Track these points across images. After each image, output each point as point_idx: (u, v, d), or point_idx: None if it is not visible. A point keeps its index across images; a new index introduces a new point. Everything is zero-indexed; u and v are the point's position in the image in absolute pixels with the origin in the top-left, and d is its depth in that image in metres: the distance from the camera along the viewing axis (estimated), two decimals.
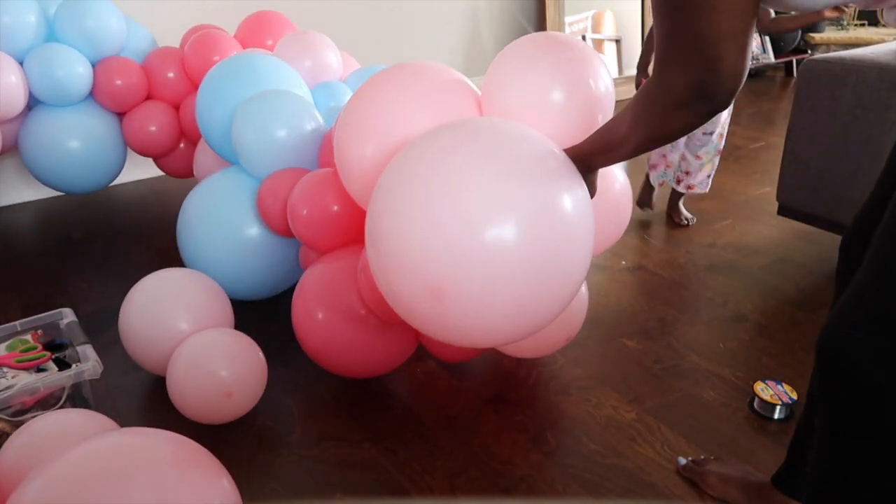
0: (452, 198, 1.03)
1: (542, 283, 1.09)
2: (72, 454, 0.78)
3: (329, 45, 2.13)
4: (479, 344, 1.29)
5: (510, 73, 1.22)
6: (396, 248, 1.07)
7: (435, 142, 1.10)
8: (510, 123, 1.16)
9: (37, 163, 2.24)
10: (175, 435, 0.86)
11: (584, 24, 4.04)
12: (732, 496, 1.19)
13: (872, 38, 4.24)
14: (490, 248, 1.03)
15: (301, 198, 1.51)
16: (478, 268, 1.04)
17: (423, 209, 1.05)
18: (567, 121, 1.20)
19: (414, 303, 1.11)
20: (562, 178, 1.09)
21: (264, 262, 1.75)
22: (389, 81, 1.27)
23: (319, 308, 1.43)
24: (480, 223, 1.03)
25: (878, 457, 0.78)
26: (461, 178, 1.04)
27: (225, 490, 0.82)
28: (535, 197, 1.05)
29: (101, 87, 2.21)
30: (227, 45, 2.23)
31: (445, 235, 1.03)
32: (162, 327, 1.44)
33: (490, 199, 1.03)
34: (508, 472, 1.29)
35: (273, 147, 1.66)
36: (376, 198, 1.12)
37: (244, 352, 1.40)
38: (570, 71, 1.20)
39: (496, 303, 1.08)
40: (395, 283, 1.11)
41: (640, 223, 2.35)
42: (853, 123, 1.82)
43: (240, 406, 1.39)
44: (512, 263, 1.04)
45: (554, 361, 1.61)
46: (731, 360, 1.60)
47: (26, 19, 2.05)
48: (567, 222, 1.08)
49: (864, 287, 0.76)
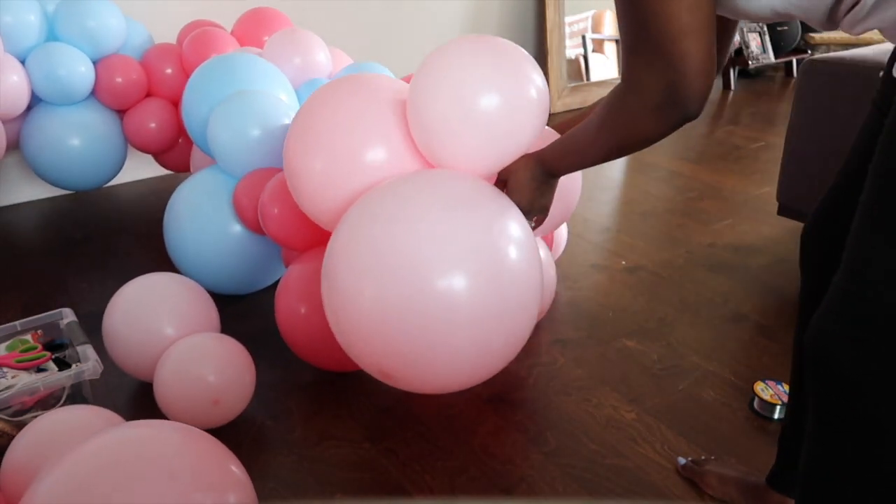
0: (402, 252, 1.10)
1: (496, 329, 1.15)
2: (83, 449, 0.79)
3: (318, 42, 2.13)
4: (439, 391, 1.36)
5: (435, 81, 1.18)
6: (351, 303, 1.14)
7: (381, 202, 1.16)
8: (442, 173, 1.20)
9: (39, 160, 2.26)
10: (181, 425, 0.87)
11: (584, 24, 4.04)
12: (732, 496, 1.19)
13: (872, 38, 4.24)
14: (439, 299, 1.09)
15: (272, 197, 1.52)
16: (425, 327, 1.11)
17: (374, 264, 1.12)
18: (495, 128, 1.16)
19: (370, 372, 1.23)
20: (494, 216, 1.15)
21: (248, 256, 1.78)
22: (336, 96, 1.28)
23: (302, 304, 1.45)
24: (431, 272, 1.09)
25: (867, 452, 0.79)
26: (409, 232, 1.11)
27: (235, 475, 0.83)
28: (478, 237, 1.11)
29: (102, 85, 2.22)
30: (225, 41, 2.24)
31: (396, 288, 1.09)
32: (147, 333, 1.42)
33: (436, 248, 1.10)
34: (508, 472, 1.29)
35: (248, 147, 1.68)
36: (331, 256, 1.20)
37: (231, 355, 1.39)
38: (499, 76, 1.16)
39: (444, 370, 1.17)
40: (351, 349, 1.22)
41: (640, 216, 2.35)
42: (853, 123, 1.81)
43: (229, 410, 1.38)
44: (463, 314, 1.10)
45: (554, 361, 1.61)
46: (731, 360, 1.60)
47: (27, 19, 2.05)
48: (512, 258, 1.14)
49: (843, 285, 0.77)
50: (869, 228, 0.74)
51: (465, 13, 3.55)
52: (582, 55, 3.96)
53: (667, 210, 2.47)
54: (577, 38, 3.98)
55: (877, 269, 0.74)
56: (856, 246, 0.76)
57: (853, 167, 0.91)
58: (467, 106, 1.15)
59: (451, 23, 3.51)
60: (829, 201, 0.98)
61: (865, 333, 0.75)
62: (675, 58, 0.74)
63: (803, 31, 4.39)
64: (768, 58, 4.27)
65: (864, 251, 0.75)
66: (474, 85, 1.15)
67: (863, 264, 0.75)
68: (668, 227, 2.32)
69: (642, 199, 2.56)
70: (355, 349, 1.21)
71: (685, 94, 0.76)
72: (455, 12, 3.52)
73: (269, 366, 1.59)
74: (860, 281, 0.75)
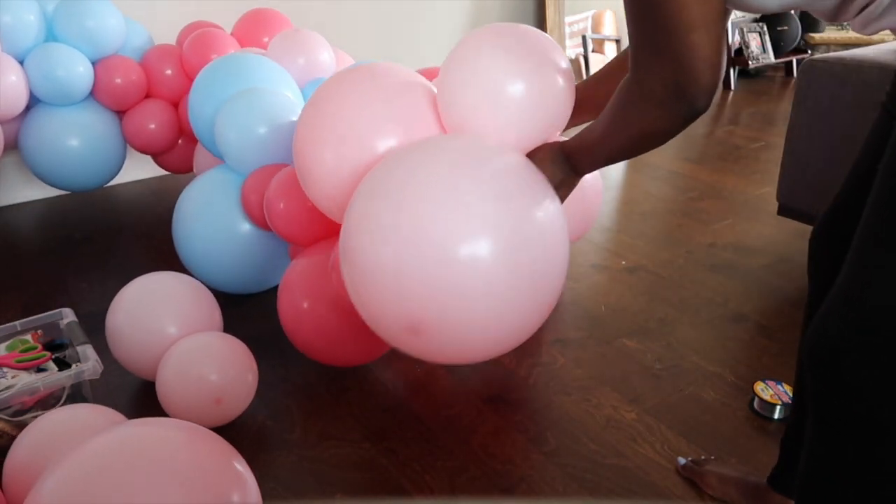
0: (424, 218, 1.04)
1: (520, 300, 1.09)
2: (87, 448, 0.79)
3: (322, 42, 2.14)
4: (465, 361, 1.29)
5: (464, 70, 1.15)
6: (371, 269, 1.08)
7: (403, 163, 1.10)
8: (476, 139, 1.15)
9: (37, 161, 2.25)
10: (185, 422, 0.87)
11: (584, 24, 4.04)
12: (731, 496, 1.19)
13: (872, 38, 4.24)
14: (465, 266, 1.03)
15: (277, 193, 1.53)
16: (453, 289, 1.04)
17: (394, 229, 1.05)
18: (527, 115, 1.13)
19: (394, 337, 1.14)
20: (531, 191, 1.09)
21: (256, 255, 1.78)
22: (344, 85, 1.25)
23: (304, 299, 1.45)
24: (454, 242, 1.03)
25: (867, 454, 0.79)
26: (432, 198, 1.05)
27: (238, 471, 0.83)
28: (506, 212, 1.05)
29: (101, 86, 2.22)
30: (225, 42, 2.24)
31: (418, 256, 1.03)
32: (150, 332, 1.42)
33: (462, 218, 1.04)
34: (508, 472, 1.29)
35: (255, 144, 1.69)
36: (349, 219, 1.13)
37: (234, 355, 1.40)
38: (527, 62, 1.13)
39: (475, 327, 1.09)
40: (374, 316, 1.14)
41: (640, 216, 2.35)
42: (853, 123, 1.82)
43: (231, 409, 1.38)
44: (488, 282, 1.04)
45: (554, 361, 1.61)
46: (731, 360, 1.60)
47: (26, 19, 2.05)
48: (539, 234, 1.08)
49: (846, 287, 0.76)
50: (876, 231, 0.74)
51: (465, 13, 3.55)
52: (582, 55, 3.96)
53: (667, 210, 2.47)
54: (577, 38, 3.99)
55: (881, 272, 0.73)
56: (861, 249, 0.75)
57: (863, 169, 0.90)
58: (498, 91, 1.12)
59: (450, 23, 3.51)
60: (839, 204, 0.96)
61: (867, 337, 0.74)
62: (684, 50, 0.72)
63: (803, 31, 4.39)
64: (768, 58, 4.27)
65: (870, 254, 0.74)
66: (506, 70, 1.11)
67: (867, 267, 0.74)
68: (668, 227, 2.32)
69: (642, 199, 2.56)
70: (378, 320, 1.15)
71: (693, 88, 0.75)
72: (455, 12, 3.52)
73: (270, 366, 1.59)
74: (863, 284, 0.74)
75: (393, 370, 1.59)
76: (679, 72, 0.74)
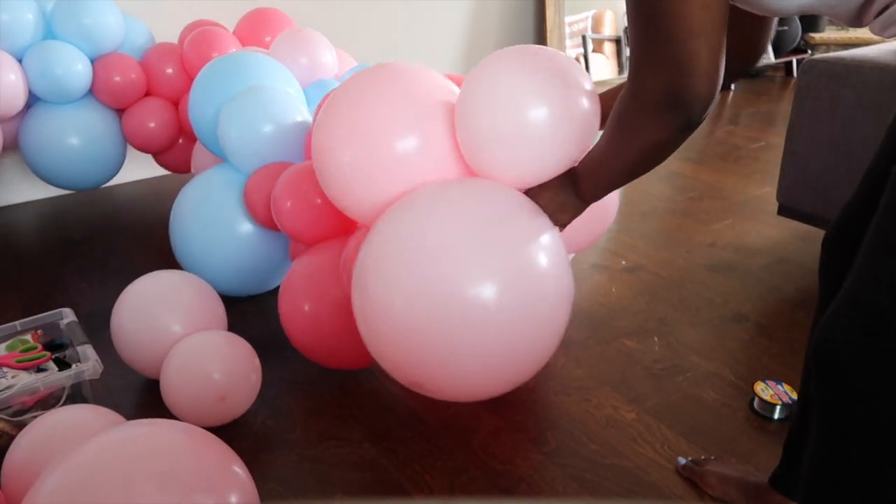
0: (434, 265, 1.10)
1: (522, 341, 1.15)
2: (86, 448, 0.78)
3: (325, 43, 2.13)
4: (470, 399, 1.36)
5: (485, 91, 1.13)
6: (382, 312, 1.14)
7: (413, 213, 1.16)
8: (483, 183, 1.19)
9: (37, 160, 2.25)
10: (184, 424, 0.87)
11: (584, 24, 4.04)
12: (732, 496, 1.19)
13: (872, 38, 4.24)
14: (473, 306, 1.08)
15: (284, 191, 1.52)
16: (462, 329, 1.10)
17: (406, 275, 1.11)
18: (548, 140, 1.12)
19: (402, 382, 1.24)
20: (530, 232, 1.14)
21: (255, 257, 1.78)
22: (366, 85, 1.25)
23: (306, 300, 1.45)
24: (461, 285, 1.09)
25: (870, 457, 0.78)
26: (441, 245, 1.11)
27: (237, 475, 0.83)
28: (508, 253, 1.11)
29: (100, 84, 2.22)
30: (227, 41, 2.23)
31: (428, 299, 1.09)
32: (154, 330, 1.43)
33: (467, 262, 1.10)
34: (508, 472, 1.29)
35: (258, 142, 1.68)
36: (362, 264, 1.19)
37: (237, 353, 1.40)
38: (550, 86, 1.10)
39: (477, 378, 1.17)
40: (383, 358, 1.22)
41: (640, 216, 2.35)
42: (853, 123, 1.82)
43: (235, 407, 1.39)
44: (491, 325, 1.10)
45: (554, 361, 1.61)
46: (731, 360, 1.60)
47: (24, 17, 2.05)
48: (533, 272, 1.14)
49: (854, 290, 0.76)
50: (887, 235, 0.73)
51: (466, 13, 3.55)
52: (582, 55, 3.96)
53: (667, 210, 2.47)
54: (577, 38, 3.99)
55: (890, 276, 0.73)
56: (870, 252, 0.75)
57: (878, 171, 0.88)
58: (518, 118, 1.10)
59: (451, 23, 3.51)
60: (852, 208, 0.94)
61: (873, 340, 0.74)
62: (684, 58, 0.72)
63: (803, 31, 4.38)
64: (768, 58, 4.26)
65: (879, 258, 0.74)
66: (525, 96, 1.10)
67: (876, 271, 0.74)
68: (668, 227, 2.32)
69: (642, 199, 2.56)
70: (387, 358, 1.21)
71: (689, 97, 0.75)
72: (455, 12, 3.52)
73: (271, 366, 1.59)
74: (872, 288, 0.74)
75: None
76: (676, 79, 0.74)
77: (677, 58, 0.73)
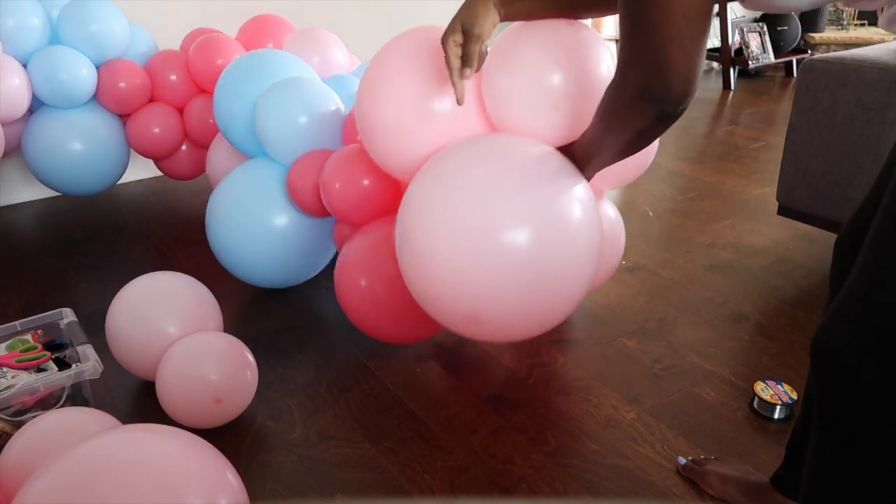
0: (473, 209, 1.15)
1: (558, 277, 1.19)
2: (76, 451, 0.78)
3: (336, 41, 2.18)
4: (518, 338, 1.44)
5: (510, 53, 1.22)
6: (428, 258, 1.19)
7: (451, 162, 1.22)
8: (511, 137, 1.24)
9: (40, 165, 2.25)
10: (178, 430, 0.86)
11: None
12: (732, 496, 1.19)
13: (872, 37, 4.25)
14: (509, 249, 1.14)
15: (332, 174, 1.56)
16: (500, 271, 1.15)
17: (447, 221, 1.17)
18: (568, 104, 1.20)
19: (456, 324, 1.26)
20: (561, 179, 1.18)
21: (297, 248, 1.79)
22: (404, 48, 1.32)
23: (363, 277, 1.49)
24: (499, 228, 1.14)
25: (870, 456, 0.78)
26: (478, 191, 1.16)
27: (229, 483, 0.82)
28: (541, 199, 1.16)
29: (104, 90, 2.23)
30: (231, 48, 2.25)
31: (469, 241, 1.15)
32: (149, 332, 1.42)
33: (504, 207, 1.15)
34: (508, 472, 1.29)
35: (297, 132, 1.71)
36: (404, 215, 1.25)
37: (233, 354, 1.39)
38: (569, 55, 1.20)
39: (525, 308, 1.19)
40: (434, 309, 1.26)
41: (640, 216, 2.35)
42: (853, 123, 1.82)
43: (231, 409, 1.38)
44: (530, 264, 1.15)
45: (554, 361, 1.61)
46: (731, 360, 1.60)
47: (30, 22, 2.06)
48: (570, 215, 1.18)
49: (855, 289, 0.76)
50: (887, 233, 0.73)
51: None
52: None
53: (667, 210, 2.47)
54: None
55: (890, 273, 0.73)
56: (872, 250, 0.75)
57: (886, 173, 0.89)
58: (540, 83, 1.19)
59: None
60: (864, 209, 0.94)
61: (873, 339, 0.74)
62: (660, 58, 0.77)
63: (803, 31, 4.39)
64: (768, 58, 4.27)
65: (881, 256, 0.74)
66: (547, 60, 1.19)
67: (876, 270, 0.74)
68: (668, 227, 2.32)
69: (642, 200, 2.56)
70: (434, 302, 1.25)
71: (662, 94, 0.80)
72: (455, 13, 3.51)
73: (270, 366, 1.59)
74: (872, 286, 0.74)
75: (393, 370, 1.59)
76: (654, 77, 0.79)
77: (655, 59, 0.78)
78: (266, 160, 1.81)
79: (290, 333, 1.74)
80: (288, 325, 1.77)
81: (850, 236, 0.97)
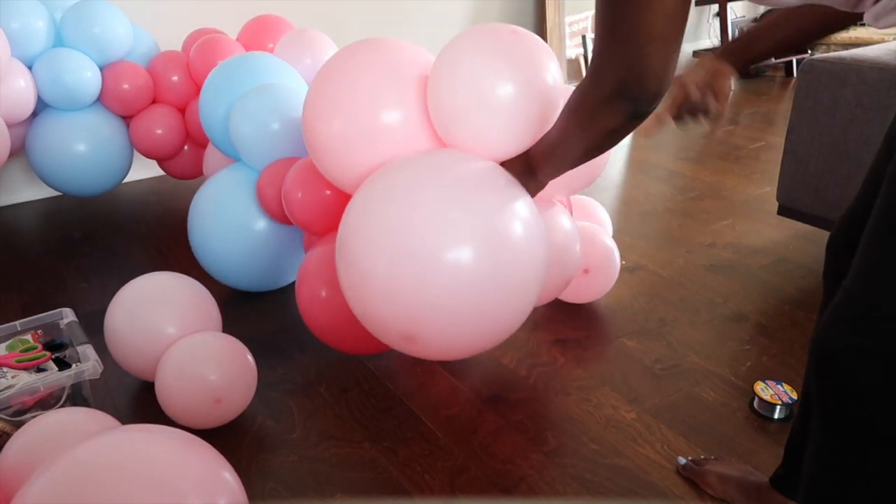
0: (410, 226, 1.14)
1: (502, 294, 1.19)
2: (74, 452, 0.78)
3: (328, 43, 2.17)
4: (455, 357, 1.40)
5: (455, 66, 1.21)
6: (366, 278, 1.18)
7: (392, 181, 1.21)
8: (454, 154, 1.24)
9: (44, 166, 2.26)
10: (176, 430, 0.87)
11: (584, 24, 4.04)
12: (732, 496, 1.19)
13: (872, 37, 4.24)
14: (451, 268, 1.13)
15: (294, 183, 1.55)
16: (440, 295, 1.14)
17: (383, 238, 1.16)
18: (516, 116, 1.19)
19: (392, 343, 1.26)
20: (502, 194, 1.18)
21: (270, 253, 1.80)
22: (352, 60, 1.31)
23: (322, 287, 1.47)
24: (440, 248, 1.13)
25: (869, 456, 0.78)
26: (416, 208, 1.15)
27: (227, 483, 0.82)
28: (480, 215, 1.15)
29: (108, 92, 2.24)
30: (231, 48, 2.25)
31: (406, 259, 1.14)
32: (148, 332, 1.42)
33: (444, 226, 1.14)
34: (508, 472, 1.29)
35: (269, 139, 1.71)
36: (343, 230, 1.24)
37: (233, 354, 1.39)
38: (518, 64, 1.19)
39: (464, 329, 1.19)
40: (371, 325, 1.25)
41: (640, 216, 2.35)
42: (853, 123, 1.82)
43: (231, 409, 1.38)
44: (472, 283, 1.14)
45: (554, 361, 1.61)
46: (731, 360, 1.60)
47: (35, 25, 2.07)
48: (513, 235, 1.18)
49: (852, 290, 0.76)
50: (883, 232, 0.73)
51: (465, 13, 3.55)
52: (582, 55, 3.96)
53: (667, 210, 2.47)
54: (578, 38, 3.99)
55: (887, 274, 0.73)
56: (868, 251, 0.75)
57: (877, 175, 0.89)
58: (484, 93, 1.18)
59: (450, 23, 3.51)
60: (855, 209, 0.95)
61: (870, 341, 0.74)
62: (637, 57, 0.78)
63: None
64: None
65: (876, 255, 0.74)
66: (492, 72, 1.18)
67: (873, 270, 0.74)
68: (668, 227, 2.32)
69: (642, 199, 2.56)
70: (372, 321, 1.24)
71: (638, 92, 0.81)
72: (455, 12, 3.52)
73: (270, 366, 1.59)
74: (869, 287, 0.74)
75: (393, 370, 1.59)
76: (629, 75, 0.80)
77: (632, 57, 0.78)
78: (243, 166, 1.82)
79: (290, 333, 1.74)
80: (288, 325, 1.77)
81: (843, 236, 0.97)
